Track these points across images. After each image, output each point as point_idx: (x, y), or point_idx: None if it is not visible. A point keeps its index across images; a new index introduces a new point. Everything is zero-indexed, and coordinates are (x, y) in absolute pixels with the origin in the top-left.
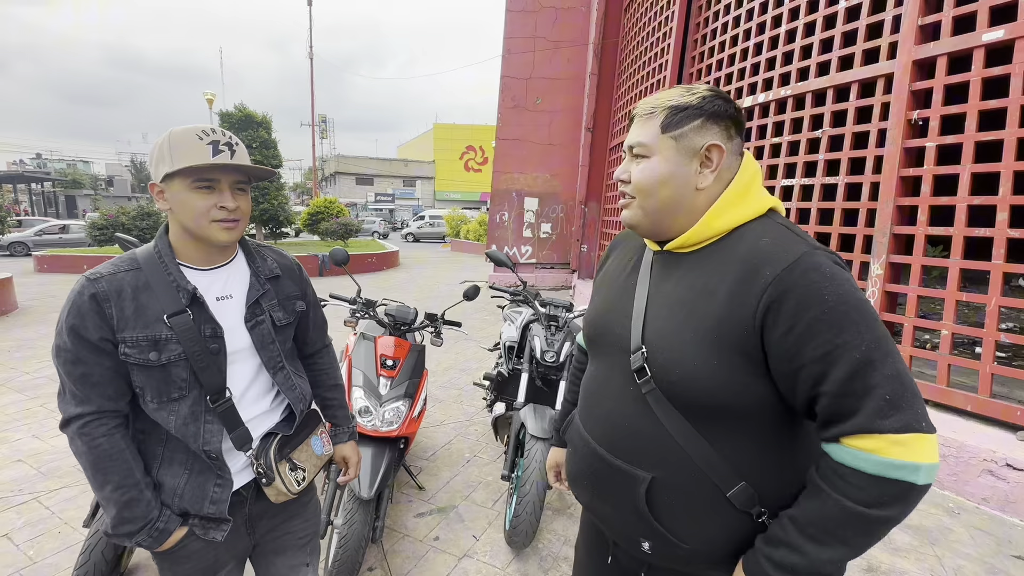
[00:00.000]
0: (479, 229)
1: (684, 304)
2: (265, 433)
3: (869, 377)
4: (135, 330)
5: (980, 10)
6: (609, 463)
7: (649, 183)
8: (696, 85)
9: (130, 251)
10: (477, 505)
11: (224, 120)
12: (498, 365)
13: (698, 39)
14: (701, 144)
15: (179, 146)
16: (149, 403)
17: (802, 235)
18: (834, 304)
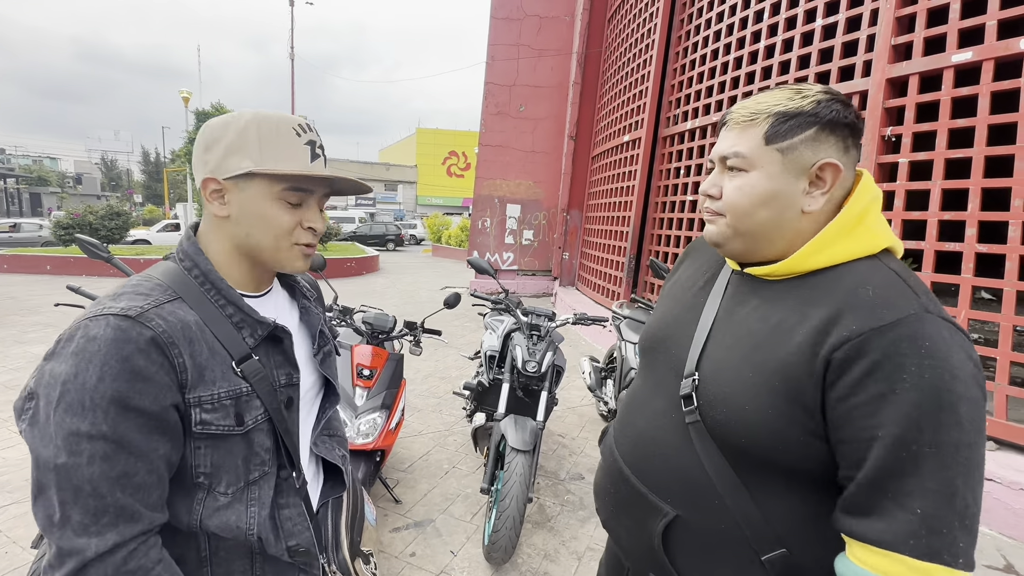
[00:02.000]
0: (461, 235)
1: (753, 337)
2: (319, 504)
3: (907, 481)
4: (214, 384)
5: (950, 32)
6: (633, 486)
7: (746, 203)
8: (807, 85)
9: (144, 276)
10: (455, 519)
11: (200, 119)
12: (478, 374)
13: (679, 51)
14: (813, 161)
15: (272, 139)
16: (220, 495)
17: (918, 289)
18: (914, 386)
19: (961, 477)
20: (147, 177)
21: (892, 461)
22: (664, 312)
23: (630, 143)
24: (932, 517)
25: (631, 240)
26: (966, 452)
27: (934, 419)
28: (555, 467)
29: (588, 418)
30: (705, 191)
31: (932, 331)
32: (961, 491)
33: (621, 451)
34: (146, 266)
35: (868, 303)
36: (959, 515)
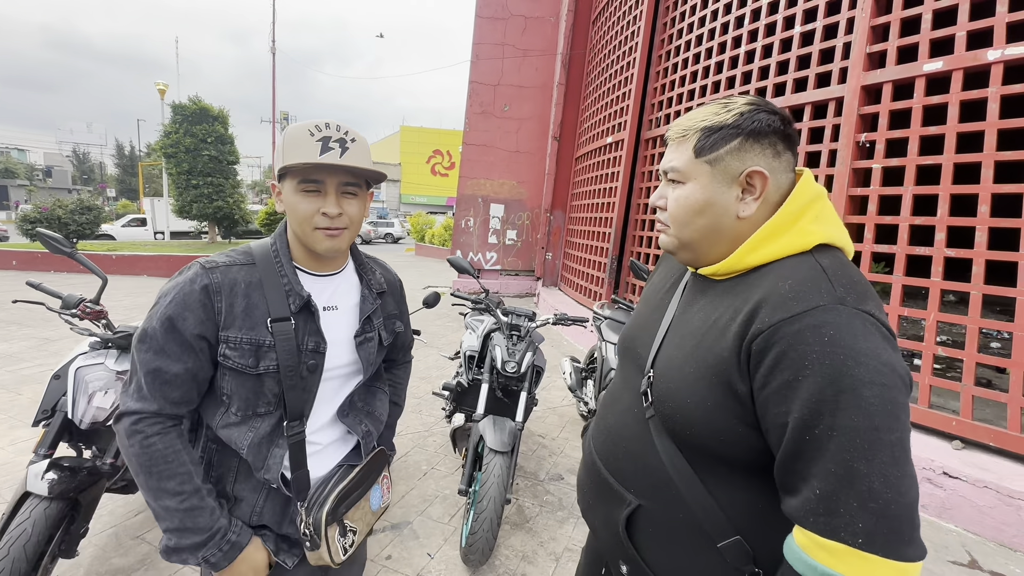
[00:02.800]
0: (444, 234)
1: (696, 334)
2: (333, 468)
3: (812, 463)
4: (241, 330)
5: (922, 42)
6: (603, 477)
7: (684, 212)
8: (734, 98)
9: (246, 245)
10: (433, 521)
11: (176, 112)
12: (458, 375)
13: (662, 55)
14: (741, 169)
15: (292, 143)
16: (233, 414)
17: (839, 283)
18: (814, 372)
19: (863, 460)
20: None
21: (798, 443)
22: (637, 315)
23: (613, 144)
24: (829, 497)
25: (613, 241)
26: (869, 436)
27: (832, 403)
28: (535, 468)
29: (568, 418)
30: (653, 203)
31: (839, 321)
32: (864, 473)
33: (595, 445)
34: (117, 262)
35: (782, 296)
36: (860, 497)
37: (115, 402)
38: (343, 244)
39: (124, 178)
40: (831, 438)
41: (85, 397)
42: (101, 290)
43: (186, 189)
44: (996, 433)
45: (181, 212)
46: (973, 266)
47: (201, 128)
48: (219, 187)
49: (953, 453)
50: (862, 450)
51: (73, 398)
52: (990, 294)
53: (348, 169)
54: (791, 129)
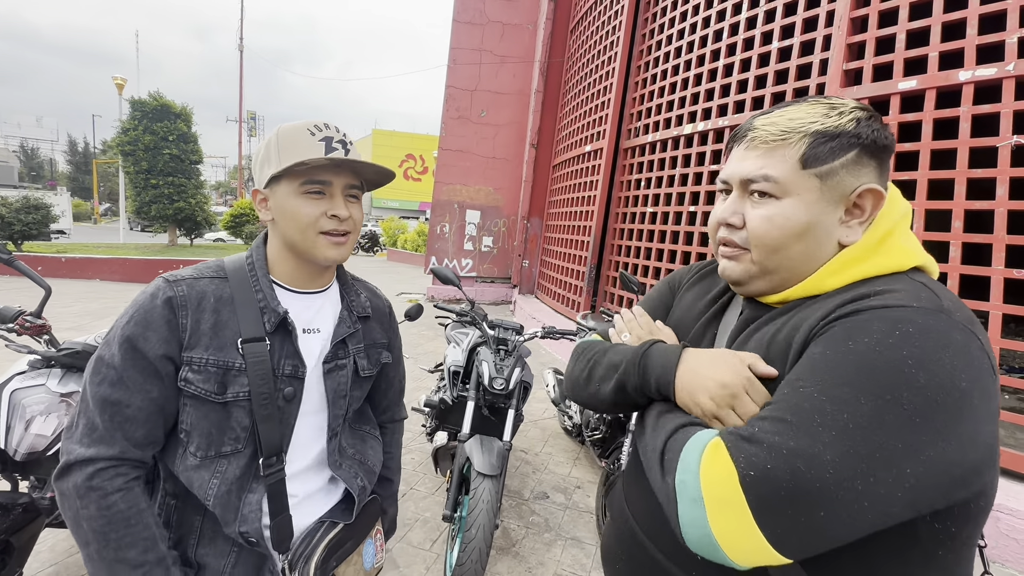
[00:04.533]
0: (417, 239)
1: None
2: (315, 522)
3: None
4: (207, 351)
5: (896, 60)
6: (649, 554)
7: (780, 235)
8: (839, 100)
9: (217, 259)
10: (413, 547)
11: (136, 108)
12: (440, 389)
13: (641, 65)
14: (853, 187)
15: (289, 144)
16: (191, 455)
17: (946, 297)
18: (865, 349)
19: (827, 424)
20: (74, 168)
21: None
22: None
23: (592, 153)
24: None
25: (592, 249)
26: (868, 420)
27: (853, 378)
28: (519, 486)
29: (551, 432)
30: (724, 219)
31: (931, 324)
32: (808, 426)
33: (633, 510)
34: (67, 265)
35: (876, 297)
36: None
37: (57, 428)
38: (347, 252)
39: (77, 176)
40: (808, 396)
41: (22, 423)
42: (44, 302)
43: (144, 189)
44: None
45: (139, 213)
46: (948, 280)
47: (162, 126)
48: (180, 187)
49: None
50: (838, 424)
51: (8, 424)
52: None
53: (359, 167)
54: (894, 147)
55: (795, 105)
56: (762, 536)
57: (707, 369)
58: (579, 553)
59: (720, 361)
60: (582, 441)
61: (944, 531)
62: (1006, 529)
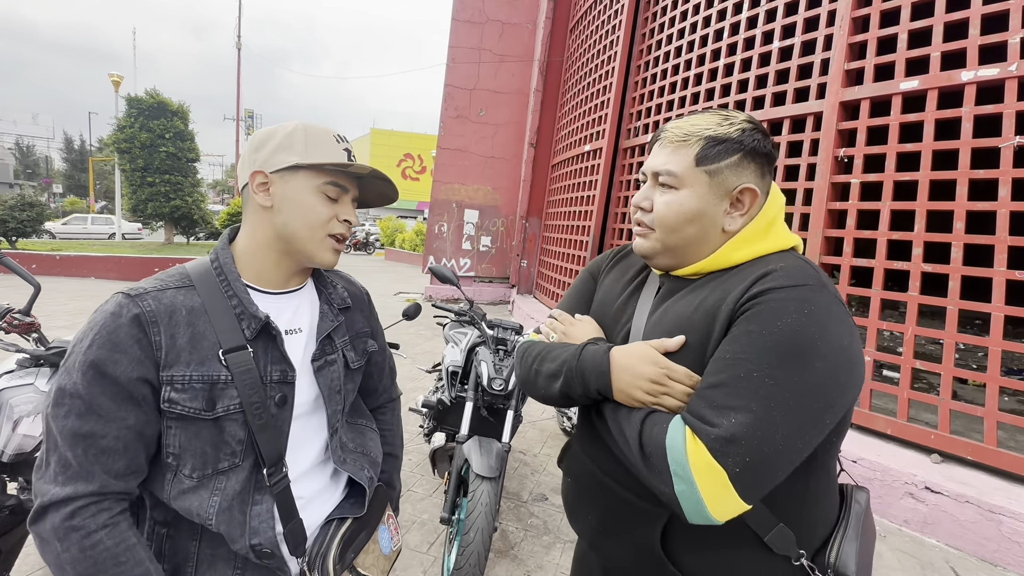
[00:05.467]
0: (415, 239)
1: (683, 321)
2: (324, 520)
3: (732, 396)
4: (189, 367)
5: (898, 61)
6: (619, 496)
7: (675, 219)
8: (732, 113)
9: (177, 267)
10: (410, 549)
11: (132, 106)
12: (437, 390)
13: (640, 65)
14: (735, 184)
15: (317, 141)
16: (185, 478)
17: (821, 273)
18: (780, 332)
19: (780, 411)
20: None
21: (728, 374)
22: (596, 320)
23: (591, 153)
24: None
25: (591, 249)
26: (797, 397)
27: (784, 359)
28: (517, 487)
29: (549, 433)
30: (637, 204)
31: (821, 300)
32: (775, 422)
33: (597, 462)
34: (61, 263)
35: (776, 274)
36: (759, 435)
37: None
38: (339, 257)
39: (73, 174)
40: (762, 383)
41: (9, 424)
42: (33, 299)
43: (140, 187)
44: (974, 447)
45: (135, 211)
46: (949, 281)
47: (159, 123)
48: (177, 185)
49: (934, 467)
50: (785, 404)
51: None
52: (966, 309)
53: (378, 178)
54: (776, 155)
55: (700, 114)
56: (738, 497)
57: (633, 367)
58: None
59: (640, 358)
60: None
61: (828, 442)
62: (1008, 532)
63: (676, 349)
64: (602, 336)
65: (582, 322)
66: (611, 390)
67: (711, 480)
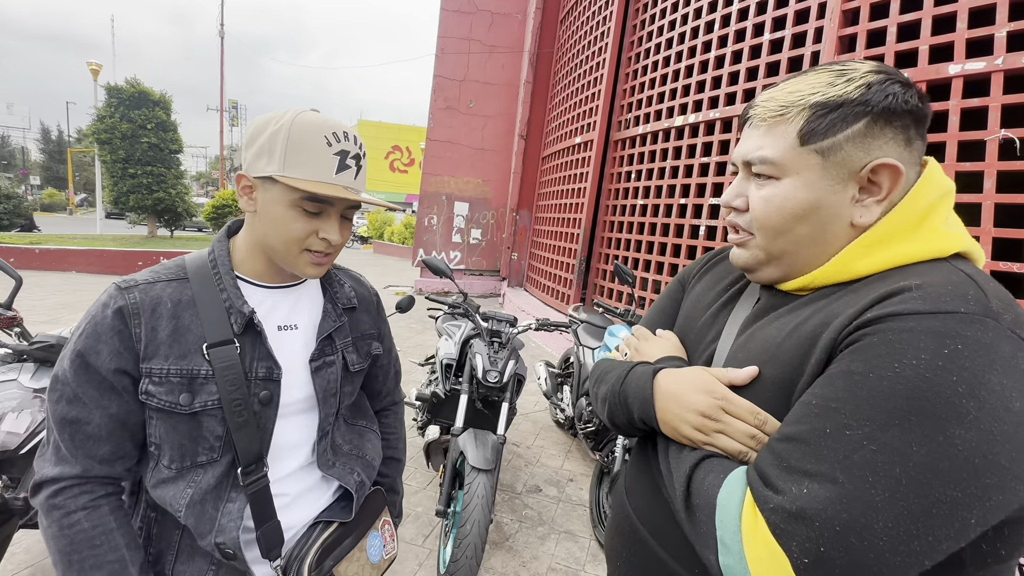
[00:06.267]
0: (404, 231)
1: (768, 350)
2: (310, 523)
3: (812, 460)
4: (168, 360)
5: (887, 54)
6: (652, 551)
7: (780, 218)
8: (852, 63)
9: (179, 258)
10: (406, 543)
11: (112, 95)
12: (431, 383)
13: (631, 56)
14: (865, 162)
15: (299, 146)
16: (164, 468)
17: (993, 295)
18: (899, 378)
19: (881, 485)
20: (47, 157)
21: (802, 411)
22: (680, 337)
23: (582, 145)
24: (811, 507)
25: (582, 242)
26: (922, 472)
27: (904, 418)
28: (511, 479)
29: (543, 425)
30: (728, 202)
31: (979, 338)
32: (877, 506)
33: (635, 506)
34: (41, 257)
35: (912, 294)
36: (849, 531)
37: (31, 425)
38: (326, 270)
39: (51, 165)
40: (858, 447)
41: None
42: (14, 292)
43: (122, 179)
44: None
45: (116, 203)
46: None
47: (140, 113)
48: (160, 177)
49: None
50: (892, 482)
51: None
52: None
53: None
54: (929, 109)
55: (802, 75)
56: None
57: (682, 396)
58: (573, 546)
59: (691, 385)
60: (574, 434)
61: (992, 552)
62: None
63: (745, 383)
64: (681, 355)
65: (660, 339)
66: (655, 421)
67: (769, 566)
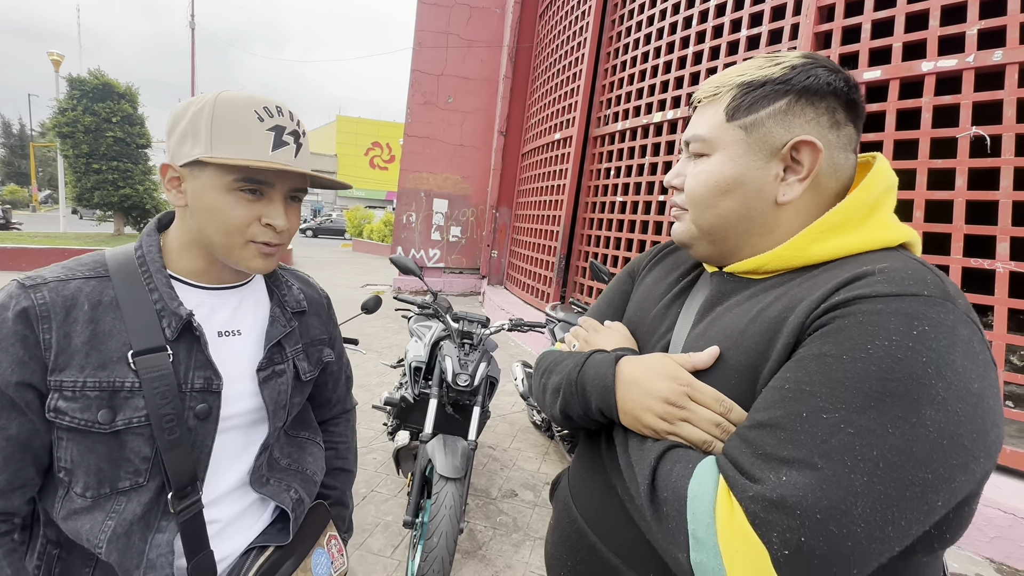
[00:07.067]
0: (384, 229)
1: (732, 336)
2: (244, 549)
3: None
4: (84, 371)
5: (862, 51)
6: (601, 557)
7: (705, 191)
8: (785, 53)
9: (96, 252)
10: (373, 554)
11: (74, 87)
12: (401, 386)
13: (610, 52)
14: (786, 139)
15: (226, 122)
16: (77, 497)
17: (947, 282)
18: (871, 359)
19: (860, 469)
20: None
21: (774, 396)
22: (631, 329)
23: (561, 141)
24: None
25: (561, 240)
26: (898, 460)
27: (879, 400)
28: (486, 484)
29: (520, 426)
30: (669, 182)
31: (942, 319)
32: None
33: (581, 508)
34: (16, 255)
35: (876, 278)
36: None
37: None
38: (276, 263)
39: (12, 160)
40: (836, 430)
41: None
42: None
43: (86, 174)
44: None
45: (80, 200)
46: None
47: (104, 106)
48: (126, 173)
49: None
50: (871, 466)
51: None
52: None
53: (312, 176)
54: (857, 95)
55: (741, 63)
56: None
57: (644, 384)
58: None
59: (654, 372)
60: (551, 436)
61: (939, 537)
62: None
63: (707, 366)
64: (632, 346)
65: (609, 330)
66: (615, 410)
67: (745, 559)
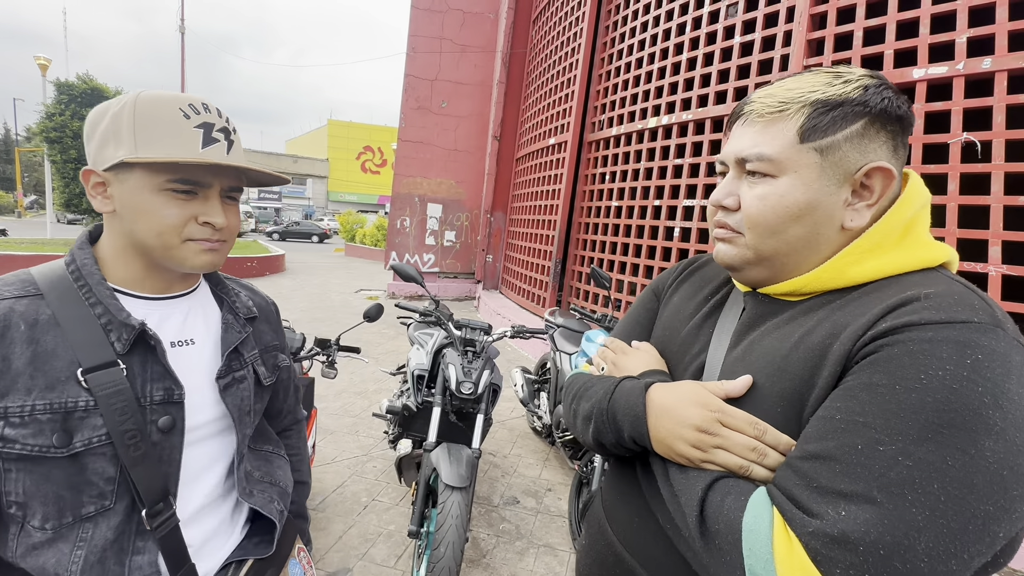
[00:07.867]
0: (377, 234)
1: (774, 362)
2: (222, 565)
3: (840, 478)
4: (31, 394)
5: (854, 58)
6: None
7: (775, 217)
8: (848, 68)
9: (22, 271)
10: (377, 565)
11: (62, 92)
12: (402, 394)
13: (604, 58)
14: (859, 164)
15: (150, 122)
16: (35, 531)
17: (994, 305)
18: (927, 390)
19: (921, 503)
20: None
21: (825, 426)
22: (659, 349)
23: (555, 146)
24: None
25: (557, 244)
26: (958, 491)
27: (936, 432)
28: (487, 491)
29: (519, 432)
30: (718, 201)
31: (995, 347)
32: (920, 527)
33: (615, 527)
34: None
35: (923, 304)
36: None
37: None
38: (222, 259)
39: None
40: (894, 463)
41: None
42: None
43: (74, 180)
44: None
45: (68, 206)
46: None
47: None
48: None
49: None
50: (932, 500)
51: None
52: None
53: (247, 172)
54: (913, 118)
55: (798, 75)
56: None
57: (675, 411)
58: (552, 561)
59: (685, 399)
60: (552, 442)
61: (993, 563)
62: None
63: (740, 394)
64: (662, 368)
65: (638, 351)
66: (648, 440)
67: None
